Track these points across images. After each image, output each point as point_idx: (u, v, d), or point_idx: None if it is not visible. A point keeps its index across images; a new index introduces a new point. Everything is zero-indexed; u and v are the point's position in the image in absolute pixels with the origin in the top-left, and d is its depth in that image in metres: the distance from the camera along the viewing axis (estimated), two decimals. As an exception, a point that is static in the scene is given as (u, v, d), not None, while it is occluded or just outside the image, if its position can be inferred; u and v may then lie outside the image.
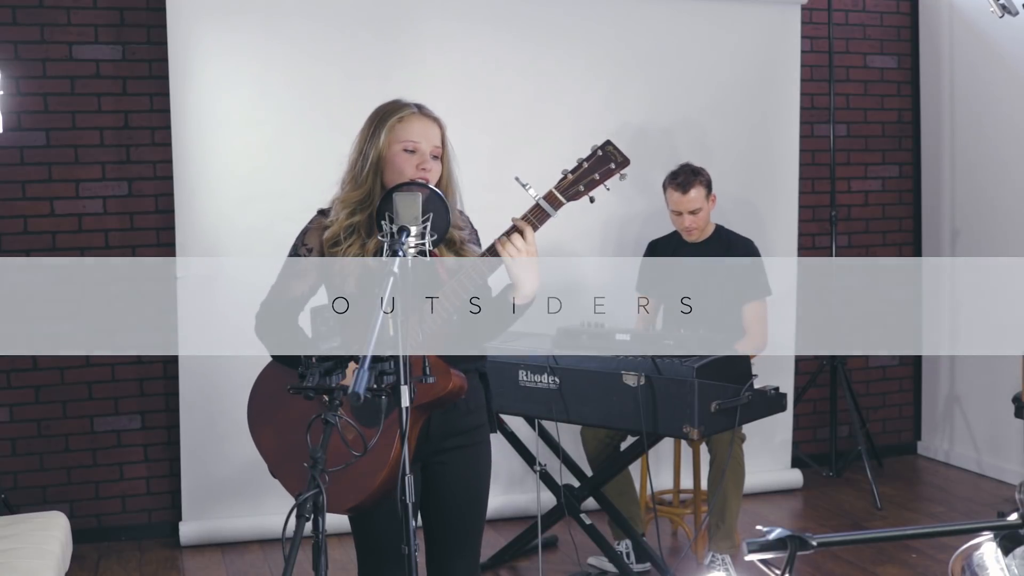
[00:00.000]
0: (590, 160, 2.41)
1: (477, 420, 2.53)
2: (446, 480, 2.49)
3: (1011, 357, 4.80)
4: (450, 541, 2.52)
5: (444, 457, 2.48)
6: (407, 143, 2.43)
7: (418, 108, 2.48)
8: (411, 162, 2.42)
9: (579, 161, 2.42)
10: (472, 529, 2.55)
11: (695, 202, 4.01)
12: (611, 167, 2.40)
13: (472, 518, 2.54)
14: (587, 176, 2.39)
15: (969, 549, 1.69)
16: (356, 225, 2.43)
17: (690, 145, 4.72)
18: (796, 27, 4.98)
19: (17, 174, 4.36)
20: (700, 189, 4.02)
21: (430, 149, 2.44)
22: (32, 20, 4.33)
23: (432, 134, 2.45)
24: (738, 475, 3.93)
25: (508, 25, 4.59)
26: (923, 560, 4.05)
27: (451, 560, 2.52)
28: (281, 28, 4.36)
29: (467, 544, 2.54)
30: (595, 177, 2.39)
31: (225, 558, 4.32)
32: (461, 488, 2.50)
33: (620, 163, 2.41)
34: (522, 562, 4.20)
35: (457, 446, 2.48)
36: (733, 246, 4.12)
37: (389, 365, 1.99)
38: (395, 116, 2.45)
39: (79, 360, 4.46)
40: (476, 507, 2.54)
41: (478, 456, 2.53)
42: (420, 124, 2.45)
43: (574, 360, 3.63)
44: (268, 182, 4.37)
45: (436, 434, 2.46)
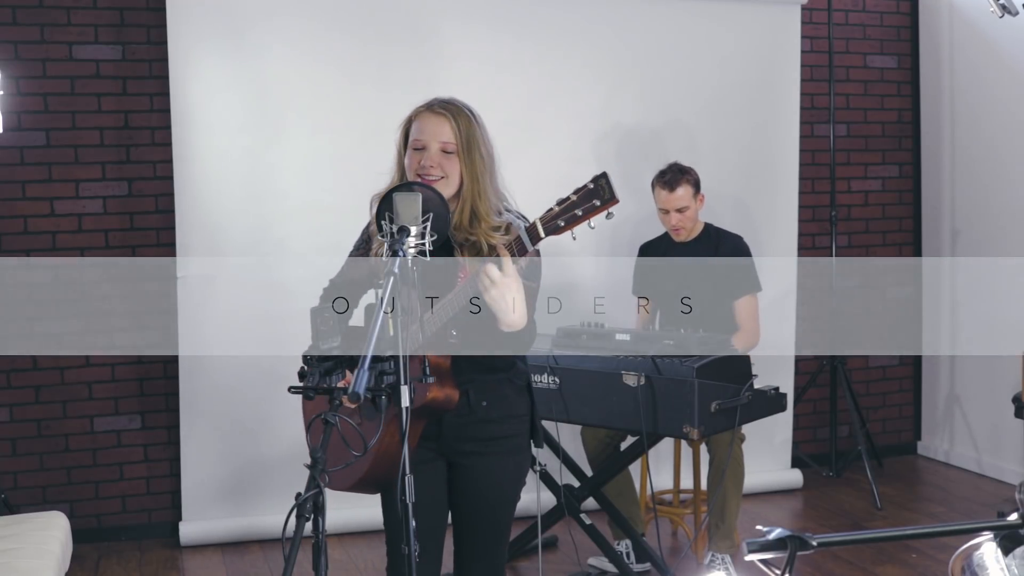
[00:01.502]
0: (579, 193, 2.21)
1: (502, 431, 2.48)
2: (467, 483, 2.50)
3: (1011, 357, 4.80)
4: (471, 544, 2.54)
5: (466, 460, 2.48)
6: (415, 142, 2.43)
7: (430, 104, 2.45)
8: (416, 160, 2.42)
9: (572, 191, 2.23)
10: (491, 536, 2.54)
11: (682, 200, 4.01)
12: (595, 204, 2.19)
13: (492, 526, 2.53)
14: (570, 211, 2.21)
15: (969, 549, 1.69)
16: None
17: (690, 145, 4.71)
18: (796, 27, 4.98)
19: (17, 174, 4.36)
20: (687, 188, 4.02)
21: (438, 145, 2.40)
22: (32, 20, 4.33)
23: (440, 130, 2.41)
24: (738, 475, 3.93)
25: (507, 25, 4.59)
26: (923, 560, 4.05)
27: (471, 562, 2.55)
28: (281, 28, 4.35)
29: (486, 549, 2.54)
30: (577, 214, 2.21)
31: (225, 558, 4.32)
32: (481, 494, 2.50)
33: (606, 201, 2.19)
34: (522, 562, 4.20)
35: (475, 451, 2.47)
36: (722, 243, 4.12)
37: (389, 365, 1.99)
38: (410, 116, 2.47)
39: (79, 360, 4.46)
40: (496, 516, 2.53)
41: (502, 467, 2.49)
42: (427, 121, 2.43)
43: (574, 360, 3.63)
44: (268, 182, 4.37)
45: (449, 434, 2.46)
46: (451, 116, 2.41)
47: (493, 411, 2.45)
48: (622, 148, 4.73)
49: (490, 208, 2.42)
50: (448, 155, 2.41)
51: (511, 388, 2.49)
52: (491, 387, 2.45)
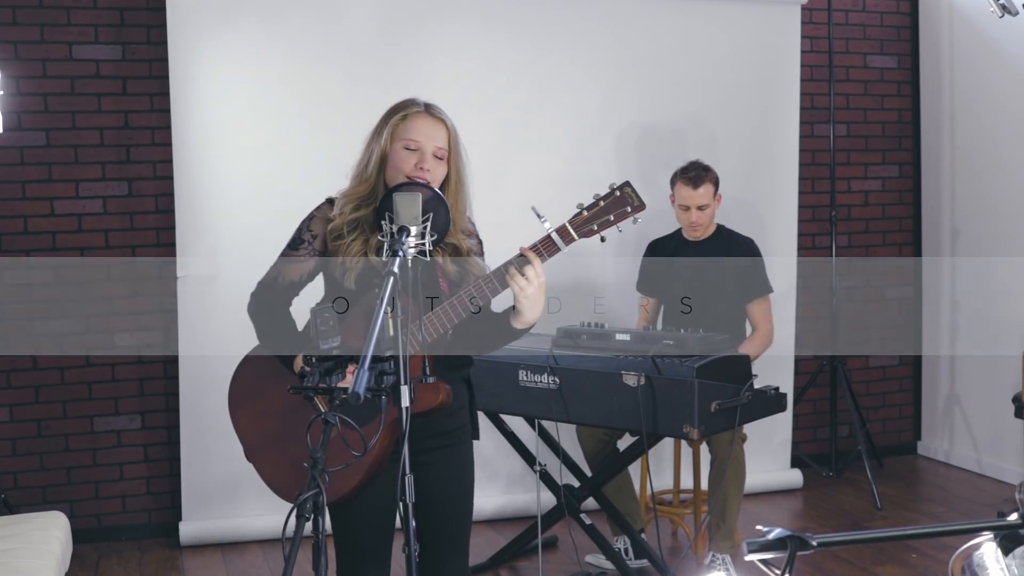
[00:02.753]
0: (607, 199, 2.38)
1: (459, 422, 2.51)
2: (431, 480, 2.46)
3: (1011, 357, 4.81)
4: (439, 542, 2.50)
5: (427, 457, 2.45)
6: (408, 141, 2.41)
7: (426, 107, 2.45)
8: (410, 160, 2.40)
9: (595, 198, 2.39)
10: (460, 529, 2.54)
11: (704, 198, 4.02)
12: (627, 210, 2.38)
13: (460, 518, 2.53)
14: (602, 216, 2.37)
15: (969, 549, 1.69)
16: (360, 220, 2.42)
17: (690, 145, 4.72)
18: (796, 27, 4.98)
19: (17, 174, 4.36)
20: (709, 186, 4.03)
21: (432, 149, 2.40)
22: (32, 20, 4.33)
23: (436, 134, 2.42)
24: (738, 475, 3.92)
25: (507, 26, 4.59)
26: (923, 560, 4.05)
27: (441, 560, 2.51)
28: (281, 28, 4.36)
29: (456, 544, 2.53)
30: (609, 218, 2.38)
31: (225, 558, 4.32)
32: (446, 488, 2.49)
33: (636, 207, 2.39)
34: (522, 562, 4.20)
35: (439, 446, 2.47)
36: (734, 245, 4.12)
37: (389, 365, 1.99)
38: (400, 113, 2.44)
39: (79, 360, 4.46)
40: (463, 506, 2.53)
41: (461, 456, 2.52)
42: (424, 123, 2.42)
43: (574, 360, 3.62)
44: (268, 182, 4.37)
45: (416, 435, 2.44)
46: (446, 123, 2.45)
47: (453, 404, 2.46)
48: (622, 148, 4.73)
49: (463, 214, 2.48)
50: (438, 160, 2.42)
51: (460, 381, 2.52)
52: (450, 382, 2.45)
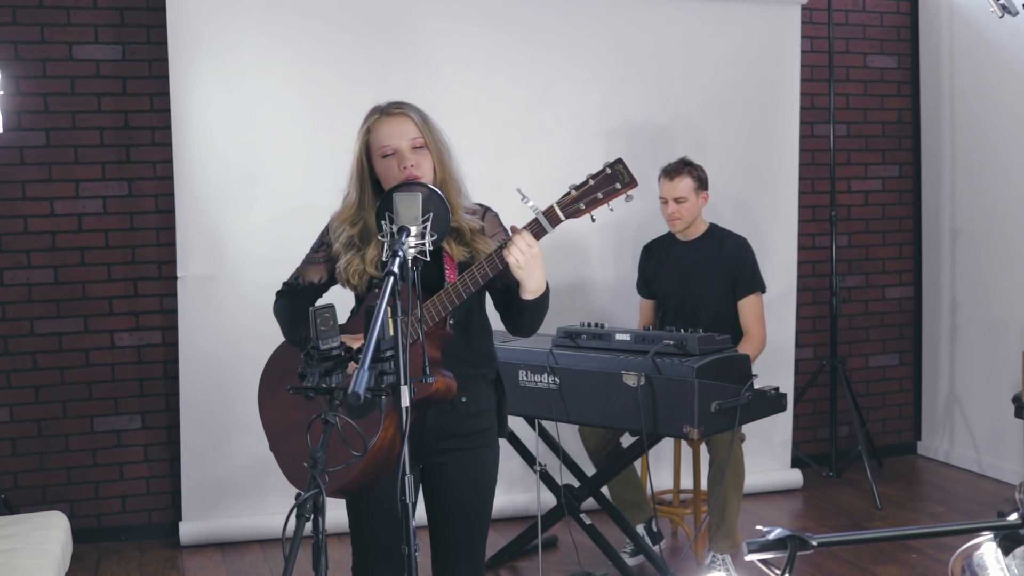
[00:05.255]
0: (596, 177, 2.32)
1: (479, 424, 2.50)
2: (447, 481, 2.48)
3: (1011, 357, 4.81)
4: (453, 543, 2.51)
5: (444, 458, 2.47)
6: (383, 148, 2.42)
7: (384, 111, 2.45)
8: (393, 166, 2.41)
9: (587, 177, 2.34)
10: (475, 532, 2.53)
11: (680, 191, 4.05)
12: (616, 187, 2.31)
13: (475, 521, 2.53)
14: (591, 194, 2.31)
15: (969, 549, 1.69)
16: (353, 237, 2.45)
17: (690, 145, 4.71)
18: (796, 27, 4.98)
19: (17, 174, 4.36)
20: (688, 180, 4.05)
21: (407, 144, 2.41)
22: (32, 20, 4.33)
23: (403, 130, 2.42)
24: (738, 475, 3.93)
25: (507, 26, 4.59)
26: (923, 560, 4.05)
27: (455, 562, 2.52)
28: (281, 28, 4.36)
29: (470, 547, 2.53)
30: (598, 196, 2.31)
31: (225, 558, 4.32)
32: (462, 490, 2.49)
33: (626, 184, 2.31)
34: (522, 562, 4.20)
35: (456, 448, 2.47)
36: (726, 243, 4.14)
37: (389, 365, 1.99)
38: (365, 127, 2.45)
39: (79, 360, 4.46)
40: (479, 510, 2.53)
41: (480, 460, 2.51)
42: (388, 126, 2.42)
43: (574, 360, 3.63)
44: (268, 182, 4.37)
45: (432, 434, 2.46)
46: (408, 112, 2.44)
47: (472, 406, 2.48)
48: (622, 148, 4.72)
49: (459, 192, 2.48)
50: (418, 150, 2.42)
51: (484, 382, 2.52)
52: (469, 382, 2.46)
